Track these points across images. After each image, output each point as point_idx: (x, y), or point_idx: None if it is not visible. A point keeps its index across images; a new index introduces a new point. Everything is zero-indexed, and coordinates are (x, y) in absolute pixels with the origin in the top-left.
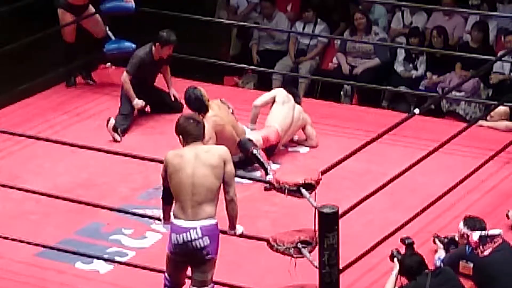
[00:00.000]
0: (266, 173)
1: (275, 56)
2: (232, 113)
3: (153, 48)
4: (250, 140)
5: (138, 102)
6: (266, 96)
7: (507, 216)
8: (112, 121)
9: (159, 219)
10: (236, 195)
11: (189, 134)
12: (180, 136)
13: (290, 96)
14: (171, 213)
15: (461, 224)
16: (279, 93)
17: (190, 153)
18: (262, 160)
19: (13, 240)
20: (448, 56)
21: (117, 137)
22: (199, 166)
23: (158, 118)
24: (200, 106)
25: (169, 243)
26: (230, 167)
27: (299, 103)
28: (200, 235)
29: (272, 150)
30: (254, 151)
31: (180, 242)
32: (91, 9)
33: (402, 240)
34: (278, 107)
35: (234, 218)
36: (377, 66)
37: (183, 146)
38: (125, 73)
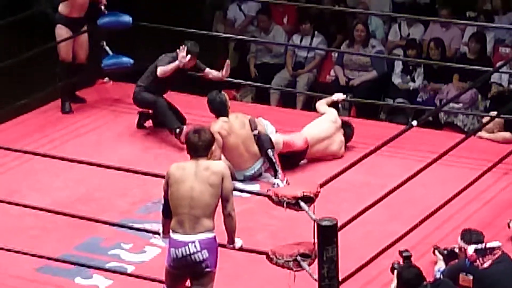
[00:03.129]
0: (275, 176)
1: (272, 69)
2: (256, 135)
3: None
4: (270, 140)
5: (183, 55)
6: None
7: (508, 225)
8: (177, 130)
9: (158, 233)
10: (234, 210)
11: (190, 148)
12: (185, 147)
13: (339, 120)
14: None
15: (459, 237)
16: (335, 113)
17: (191, 167)
18: (274, 161)
19: (15, 252)
20: (446, 68)
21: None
22: (198, 183)
23: (157, 132)
24: (217, 108)
25: (168, 257)
26: (228, 183)
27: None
28: (199, 248)
29: (298, 157)
30: (269, 151)
31: (179, 256)
32: (85, 27)
33: (400, 253)
34: (321, 121)
35: (232, 233)
36: (374, 78)
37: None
38: (160, 68)
